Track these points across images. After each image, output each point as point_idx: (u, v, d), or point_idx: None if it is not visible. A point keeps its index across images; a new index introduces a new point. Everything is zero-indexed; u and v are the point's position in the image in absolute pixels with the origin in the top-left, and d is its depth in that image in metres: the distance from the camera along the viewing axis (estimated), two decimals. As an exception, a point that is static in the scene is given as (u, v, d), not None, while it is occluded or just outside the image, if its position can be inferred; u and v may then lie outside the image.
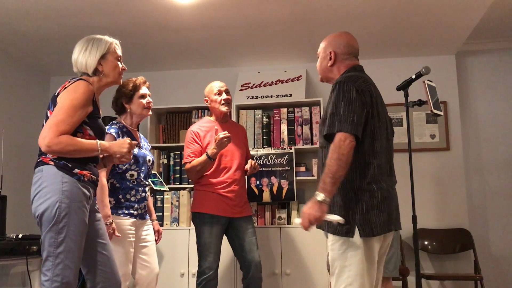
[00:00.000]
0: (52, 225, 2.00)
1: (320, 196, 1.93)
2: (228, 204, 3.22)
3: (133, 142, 2.28)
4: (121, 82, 2.41)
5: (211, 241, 3.15)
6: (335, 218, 1.94)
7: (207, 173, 3.24)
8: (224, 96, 3.33)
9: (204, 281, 3.11)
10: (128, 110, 2.92)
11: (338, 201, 2.04)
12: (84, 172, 2.13)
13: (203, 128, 3.33)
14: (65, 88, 2.15)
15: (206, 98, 3.39)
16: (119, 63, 2.32)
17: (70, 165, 2.08)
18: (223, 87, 3.36)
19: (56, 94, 2.17)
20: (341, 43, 2.28)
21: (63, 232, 2.00)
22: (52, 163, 2.08)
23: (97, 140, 2.16)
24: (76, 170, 2.10)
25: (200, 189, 3.27)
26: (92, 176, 2.19)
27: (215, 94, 3.33)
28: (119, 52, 2.34)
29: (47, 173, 2.07)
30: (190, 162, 3.23)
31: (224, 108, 3.32)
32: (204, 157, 3.16)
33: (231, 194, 3.24)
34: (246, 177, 3.61)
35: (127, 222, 2.74)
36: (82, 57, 2.24)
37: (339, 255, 2.01)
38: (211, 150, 3.13)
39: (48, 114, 2.16)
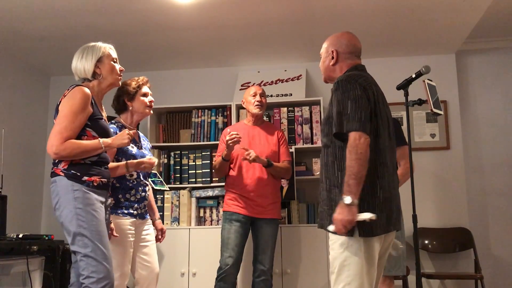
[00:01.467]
0: (75, 230, 2.19)
1: (347, 199, 1.92)
2: (249, 204, 3.33)
3: (131, 131, 2.45)
4: (120, 84, 2.53)
5: (229, 237, 3.29)
6: (366, 216, 1.93)
7: (230, 174, 3.43)
8: (258, 98, 3.50)
9: (221, 275, 3.24)
10: (130, 108, 2.91)
11: (339, 200, 2.03)
12: (93, 178, 2.27)
13: (233, 129, 3.47)
14: (65, 96, 2.30)
15: (243, 100, 3.60)
16: (115, 64, 2.46)
17: (78, 173, 2.25)
18: (259, 90, 3.55)
19: (58, 103, 2.32)
20: (343, 42, 2.28)
21: (86, 234, 2.18)
22: (63, 174, 2.25)
23: (99, 138, 2.31)
24: (85, 178, 2.25)
25: (226, 189, 3.50)
26: (102, 179, 2.32)
27: (250, 96, 3.53)
28: (114, 54, 2.48)
29: (60, 184, 2.24)
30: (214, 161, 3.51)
31: (255, 110, 3.50)
32: (220, 158, 3.40)
33: (251, 194, 3.35)
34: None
35: (126, 221, 2.74)
36: (80, 64, 2.40)
37: (338, 255, 2.01)
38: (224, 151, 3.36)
39: (54, 123, 2.31)
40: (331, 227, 2.00)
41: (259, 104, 3.49)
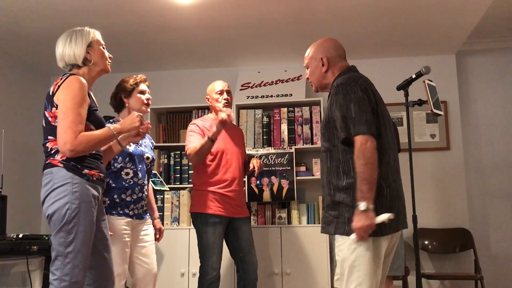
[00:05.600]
0: (62, 225, 2.04)
1: (362, 205, 1.92)
2: (230, 204, 3.21)
3: (140, 114, 2.32)
4: (110, 70, 2.37)
5: (214, 241, 3.14)
6: (385, 216, 1.94)
7: (209, 171, 3.22)
8: (225, 96, 3.33)
9: (207, 282, 3.09)
10: (127, 105, 2.90)
11: (347, 201, 2.02)
12: (93, 172, 2.15)
13: (206, 124, 3.33)
14: (59, 86, 2.13)
15: (208, 97, 3.40)
16: (105, 51, 2.33)
17: (79, 166, 2.10)
18: (225, 87, 3.36)
19: (51, 94, 2.15)
20: (330, 47, 2.28)
21: (73, 233, 2.04)
22: (61, 165, 2.10)
23: (108, 125, 2.20)
24: (86, 171, 2.12)
25: (201, 188, 3.25)
26: (100, 174, 2.20)
27: (217, 93, 3.33)
28: (102, 40, 2.34)
29: (57, 175, 2.08)
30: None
31: (224, 109, 3.32)
32: (205, 139, 3.10)
33: (232, 193, 3.23)
34: (246, 177, 3.57)
35: (121, 221, 2.70)
36: (69, 48, 2.24)
37: (348, 255, 2.00)
38: (212, 131, 3.08)
39: (46, 115, 2.15)
40: (353, 236, 1.97)
41: (227, 102, 3.33)
